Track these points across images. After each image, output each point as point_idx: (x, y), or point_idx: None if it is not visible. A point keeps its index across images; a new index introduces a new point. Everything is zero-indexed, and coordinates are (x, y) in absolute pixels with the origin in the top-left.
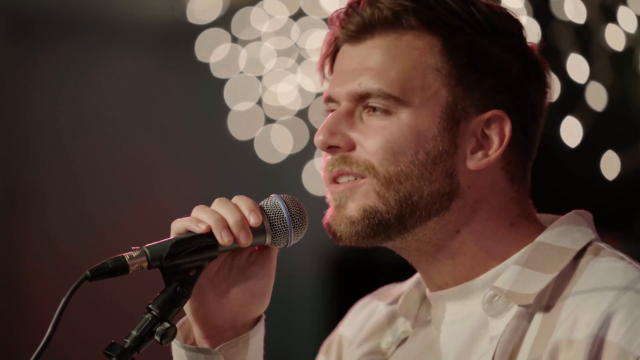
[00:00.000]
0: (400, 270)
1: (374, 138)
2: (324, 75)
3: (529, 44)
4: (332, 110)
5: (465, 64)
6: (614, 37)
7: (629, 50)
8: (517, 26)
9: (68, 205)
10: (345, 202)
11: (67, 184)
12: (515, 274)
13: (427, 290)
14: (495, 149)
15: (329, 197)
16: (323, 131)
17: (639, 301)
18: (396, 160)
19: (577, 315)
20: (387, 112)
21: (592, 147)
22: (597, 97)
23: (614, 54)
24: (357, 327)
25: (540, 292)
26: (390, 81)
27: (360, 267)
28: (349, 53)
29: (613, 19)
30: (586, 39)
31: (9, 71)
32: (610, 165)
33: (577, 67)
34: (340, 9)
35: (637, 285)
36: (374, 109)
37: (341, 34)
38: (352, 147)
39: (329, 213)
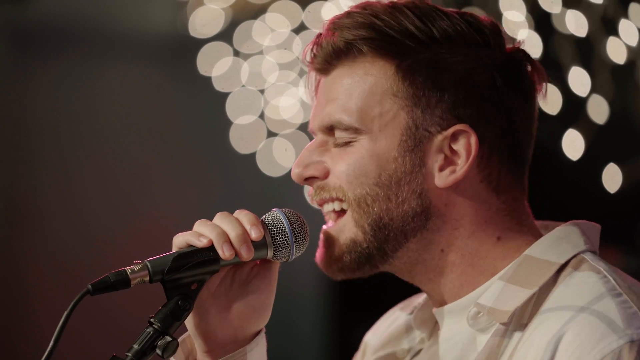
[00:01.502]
0: (402, 284)
1: (339, 163)
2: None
3: (508, 47)
4: None
5: (421, 84)
6: (616, 50)
7: (631, 63)
8: (484, 34)
9: (69, 218)
10: (329, 244)
11: (68, 197)
12: (498, 290)
13: (433, 308)
14: (462, 164)
15: (321, 237)
16: (297, 165)
17: (588, 324)
18: (360, 183)
19: (534, 337)
20: (348, 143)
21: (594, 159)
22: (598, 110)
23: (615, 66)
24: (380, 335)
25: (517, 308)
26: (349, 112)
27: (361, 280)
28: (322, 84)
29: (614, 32)
30: (587, 52)
31: (11, 83)
32: (612, 177)
33: (579, 80)
34: (311, 41)
35: (595, 305)
36: (339, 144)
37: (313, 68)
38: (326, 174)
39: (318, 252)
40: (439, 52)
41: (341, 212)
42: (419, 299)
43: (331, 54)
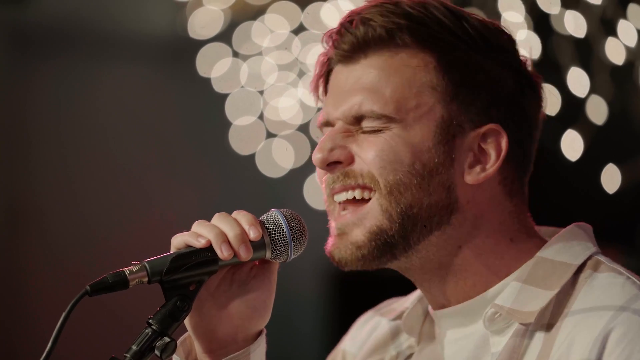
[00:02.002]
0: (401, 284)
1: (369, 149)
2: (318, 96)
3: (522, 59)
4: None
5: (459, 80)
6: (614, 51)
7: (629, 64)
8: (511, 41)
9: (69, 219)
10: (350, 229)
11: (68, 197)
12: (515, 291)
13: (430, 308)
14: (492, 163)
15: (332, 226)
16: (321, 149)
17: (634, 322)
18: (394, 170)
19: (574, 337)
20: (379, 130)
21: (592, 160)
22: (597, 111)
23: (614, 67)
24: (360, 342)
25: (541, 309)
26: (384, 101)
27: (361, 280)
28: (343, 74)
29: (613, 33)
30: (586, 52)
31: (11, 84)
32: (611, 178)
33: (578, 80)
34: (332, 29)
35: (634, 305)
36: (368, 131)
37: (334, 54)
38: (351, 160)
39: (331, 241)
40: (476, 51)
41: (360, 201)
42: (403, 303)
43: (368, 42)
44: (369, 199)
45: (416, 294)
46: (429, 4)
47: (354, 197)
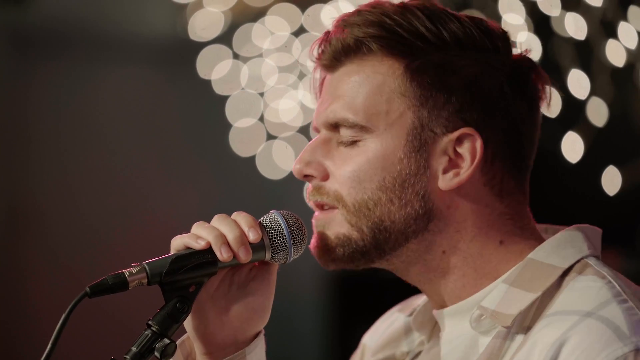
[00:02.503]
0: (403, 286)
1: (342, 167)
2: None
3: (515, 54)
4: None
5: (429, 84)
6: (615, 53)
7: (630, 66)
8: (493, 39)
9: (69, 220)
10: (322, 230)
11: (68, 199)
12: (502, 293)
13: (433, 309)
14: (466, 168)
15: (313, 223)
16: (300, 160)
17: (594, 330)
18: (363, 188)
19: (537, 339)
20: (354, 142)
21: (593, 162)
22: (598, 113)
23: (614, 69)
24: (378, 336)
25: (521, 312)
26: (355, 109)
27: (361, 282)
28: (327, 81)
29: (614, 35)
30: (587, 54)
31: (11, 86)
32: (612, 180)
33: (578, 82)
34: (319, 38)
35: (601, 311)
36: (343, 142)
37: (319, 65)
38: (325, 176)
39: (312, 240)
40: (448, 54)
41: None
42: (419, 300)
43: (340, 51)
44: (335, 207)
45: None
46: (409, 10)
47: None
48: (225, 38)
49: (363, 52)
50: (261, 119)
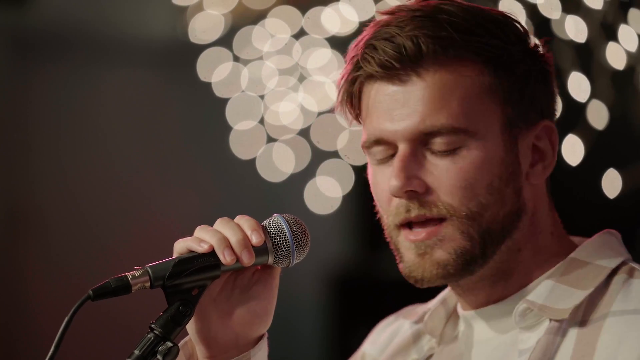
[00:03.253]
0: (401, 289)
1: (448, 179)
2: (353, 116)
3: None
4: (379, 155)
5: (507, 81)
6: (615, 56)
7: (630, 68)
8: (530, 37)
9: (70, 223)
10: (431, 250)
11: (69, 203)
12: (548, 289)
13: (460, 309)
14: (550, 159)
15: (404, 244)
16: (399, 177)
17: None
18: (474, 195)
19: (621, 337)
20: (454, 149)
21: (593, 165)
22: (598, 116)
23: (615, 72)
24: (381, 346)
25: (575, 307)
26: (454, 114)
27: (362, 286)
28: (390, 90)
29: (614, 38)
30: (587, 57)
31: (11, 88)
32: (612, 183)
33: (578, 85)
34: (361, 43)
35: None
36: (440, 151)
37: (375, 72)
38: (426, 190)
39: (410, 260)
40: (514, 51)
41: (434, 221)
42: (423, 306)
43: (415, 57)
44: (444, 219)
45: (440, 296)
46: (467, 10)
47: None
48: (225, 41)
49: (448, 56)
50: (261, 121)
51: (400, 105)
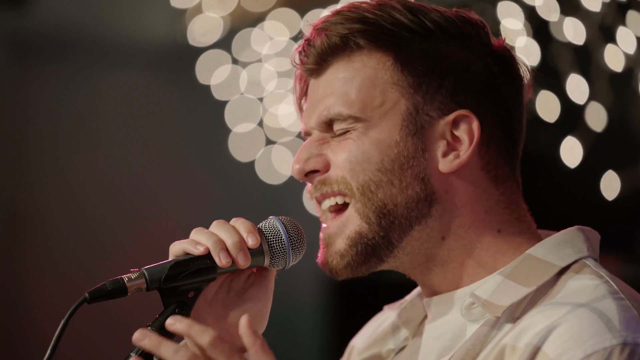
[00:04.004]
0: (400, 289)
1: (340, 152)
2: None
3: (492, 41)
4: None
5: (420, 71)
6: (614, 58)
7: (629, 70)
8: (475, 27)
9: (69, 226)
10: (333, 240)
11: (68, 204)
12: (495, 284)
13: (424, 298)
14: (465, 149)
15: (320, 236)
16: (297, 160)
17: (585, 319)
18: (363, 170)
19: (528, 325)
20: (347, 131)
21: (592, 167)
22: (596, 118)
23: (613, 74)
24: (367, 336)
25: (512, 304)
26: (350, 102)
27: (359, 287)
28: (314, 85)
29: (612, 40)
30: (586, 59)
31: (10, 91)
32: (610, 185)
33: (577, 87)
34: (298, 46)
35: (594, 304)
36: (338, 135)
37: (304, 70)
38: (327, 167)
39: (320, 253)
40: (435, 42)
41: (343, 207)
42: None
43: (326, 51)
44: (348, 204)
45: (417, 289)
46: (386, 4)
47: (336, 203)
48: (224, 43)
49: (350, 48)
50: (260, 124)
51: (316, 101)
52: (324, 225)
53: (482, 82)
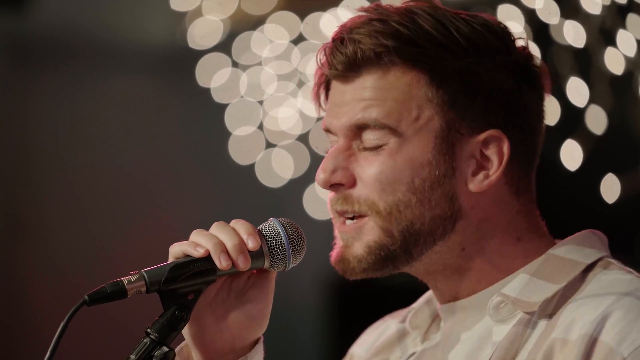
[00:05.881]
0: (403, 294)
1: (369, 168)
2: (319, 104)
3: (519, 49)
4: (331, 143)
5: (455, 89)
6: (614, 61)
7: (629, 74)
8: (503, 38)
9: (70, 228)
10: (352, 242)
11: (68, 208)
12: (523, 283)
13: (438, 304)
14: (495, 169)
15: (337, 235)
16: (324, 169)
17: (636, 306)
18: (393, 190)
19: (575, 317)
20: (379, 146)
21: (592, 170)
22: (596, 121)
23: (613, 77)
24: (368, 345)
25: (545, 300)
26: (386, 112)
27: (360, 289)
28: (340, 89)
29: (612, 43)
30: (586, 62)
31: (10, 95)
32: (611, 188)
33: (577, 90)
34: (326, 44)
35: (638, 292)
36: (369, 147)
37: (329, 72)
38: (353, 182)
39: (336, 251)
40: (468, 59)
41: (362, 217)
42: (410, 307)
43: (358, 62)
44: (366, 215)
45: (425, 296)
46: (418, 15)
47: (353, 217)
48: (224, 46)
49: (385, 64)
50: (260, 127)
51: (343, 103)
52: (343, 224)
53: (511, 99)
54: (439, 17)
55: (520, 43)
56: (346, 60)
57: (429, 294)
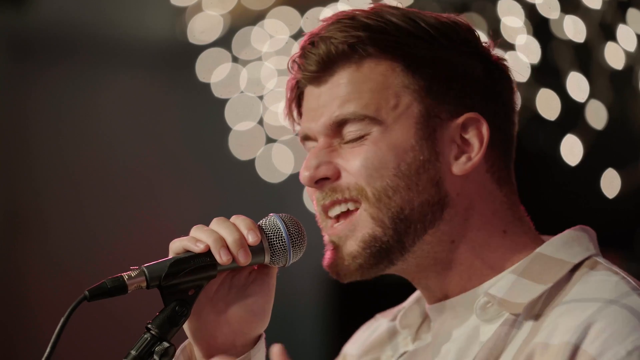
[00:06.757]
0: (402, 290)
1: (354, 160)
2: (293, 120)
3: (485, 45)
4: (312, 149)
5: (429, 75)
6: (614, 56)
7: (629, 68)
8: (470, 31)
9: (70, 224)
10: (344, 242)
11: (69, 204)
12: (510, 283)
13: (427, 305)
14: (477, 151)
15: (327, 240)
16: (307, 167)
17: (620, 315)
18: (380, 176)
19: (558, 322)
20: (361, 137)
21: (592, 165)
22: (597, 116)
23: (613, 72)
24: (360, 343)
25: (531, 301)
26: (364, 103)
27: (360, 286)
28: (313, 92)
29: (613, 38)
30: (586, 57)
31: (10, 90)
32: (611, 183)
33: (577, 85)
34: (295, 54)
35: (623, 300)
36: (350, 140)
37: (302, 77)
38: (338, 175)
39: (328, 255)
40: (439, 47)
41: (352, 212)
42: (400, 306)
43: (332, 58)
44: (358, 205)
45: (414, 295)
46: (384, 11)
47: (347, 209)
48: (224, 41)
49: (359, 55)
50: (260, 122)
51: (320, 105)
52: (331, 227)
53: (485, 86)
54: (404, 12)
55: (484, 42)
56: (319, 59)
57: (418, 293)
